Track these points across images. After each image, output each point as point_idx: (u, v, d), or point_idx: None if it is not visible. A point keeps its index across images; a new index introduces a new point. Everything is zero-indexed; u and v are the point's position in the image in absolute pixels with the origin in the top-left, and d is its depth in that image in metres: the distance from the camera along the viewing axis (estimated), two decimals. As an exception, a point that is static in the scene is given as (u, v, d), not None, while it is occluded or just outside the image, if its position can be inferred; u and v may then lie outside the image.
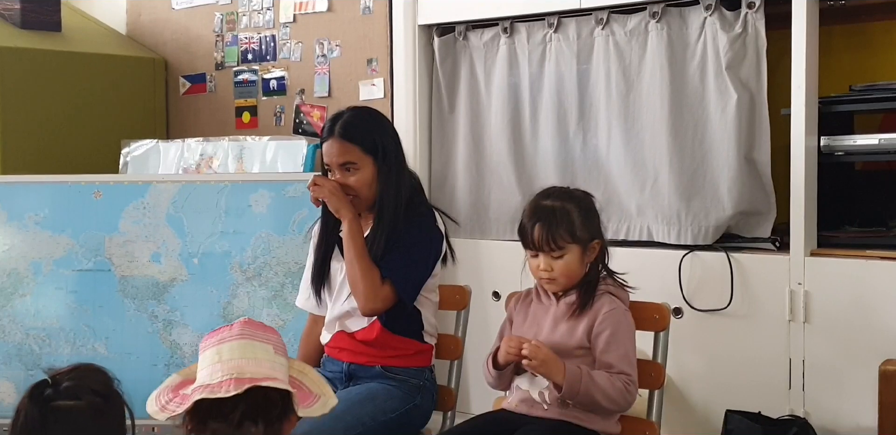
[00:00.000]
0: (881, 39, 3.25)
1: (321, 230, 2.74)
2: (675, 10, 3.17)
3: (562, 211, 2.35)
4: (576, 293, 2.37)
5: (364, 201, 2.62)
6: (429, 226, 2.63)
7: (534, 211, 2.39)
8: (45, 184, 3.59)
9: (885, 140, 2.88)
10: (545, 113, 3.46)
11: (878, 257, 2.81)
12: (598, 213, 2.43)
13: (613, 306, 2.34)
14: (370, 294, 2.52)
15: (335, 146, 2.60)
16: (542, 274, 2.36)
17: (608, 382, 2.24)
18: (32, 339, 3.52)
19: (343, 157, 2.59)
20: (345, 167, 2.59)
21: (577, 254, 2.35)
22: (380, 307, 2.55)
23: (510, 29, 3.53)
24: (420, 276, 2.60)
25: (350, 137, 2.59)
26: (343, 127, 2.60)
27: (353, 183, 2.59)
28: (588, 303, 2.34)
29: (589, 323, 2.33)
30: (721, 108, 3.08)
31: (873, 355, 2.67)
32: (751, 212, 3.09)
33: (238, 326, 1.76)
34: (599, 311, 2.33)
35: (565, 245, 2.33)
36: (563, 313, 2.37)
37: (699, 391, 3.09)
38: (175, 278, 3.51)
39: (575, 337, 2.33)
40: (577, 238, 2.34)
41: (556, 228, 2.32)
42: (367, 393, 2.55)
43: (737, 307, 3.01)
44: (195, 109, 4.65)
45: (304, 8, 4.22)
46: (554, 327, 2.37)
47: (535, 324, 2.41)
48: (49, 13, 4.44)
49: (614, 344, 2.29)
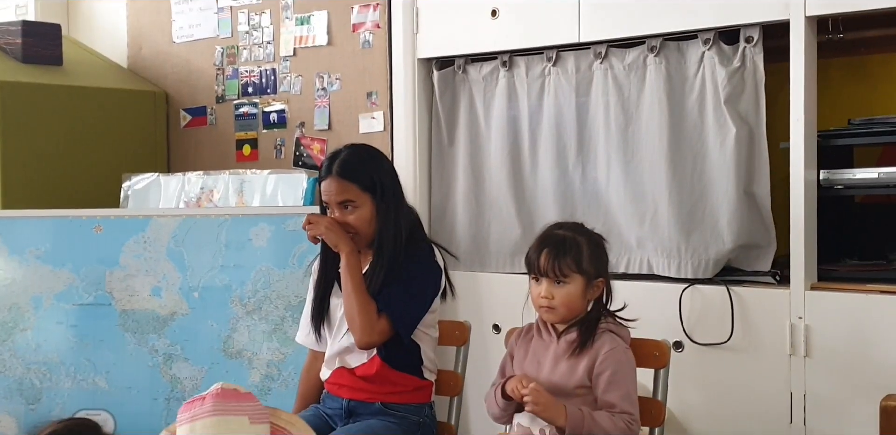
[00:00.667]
0: (880, 72, 3.26)
1: (321, 266, 2.74)
2: (674, 44, 3.18)
3: (572, 241, 2.39)
4: (576, 331, 2.37)
5: (364, 238, 2.62)
6: (427, 261, 2.64)
7: (544, 239, 2.43)
8: (45, 218, 3.60)
9: (884, 174, 2.88)
10: (544, 146, 3.47)
11: (879, 291, 2.80)
12: (607, 255, 2.45)
13: (614, 345, 2.34)
14: (366, 327, 2.53)
15: (333, 185, 2.61)
16: (542, 301, 2.37)
17: (610, 423, 2.24)
18: (33, 373, 3.52)
19: (341, 195, 2.60)
20: (343, 205, 2.61)
21: (580, 286, 2.36)
22: (375, 340, 2.55)
23: (509, 62, 3.55)
24: (417, 310, 2.60)
25: (348, 176, 2.60)
26: (340, 165, 2.62)
27: (353, 221, 2.60)
28: (588, 341, 2.34)
29: (590, 362, 2.32)
30: (720, 141, 3.09)
31: (874, 390, 2.65)
32: (751, 245, 3.09)
33: (210, 401, 1.74)
34: (600, 350, 2.33)
35: (570, 274, 2.35)
36: (564, 351, 2.37)
37: (700, 425, 3.08)
38: (175, 312, 3.51)
39: (575, 376, 2.33)
40: (583, 270, 2.36)
41: (564, 256, 2.35)
42: (367, 430, 2.55)
43: (737, 341, 3.00)
44: (196, 142, 4.66)
45: (305, 42, 4.24)
46: (555, 365, 2.37)
47: (535, 361, 2.41)
48: (51, 47, 4.46)
49: (615, 384, 2.29)
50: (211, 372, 3.46)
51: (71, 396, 3.49)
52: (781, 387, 2.92)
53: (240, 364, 3.45)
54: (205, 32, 4.60)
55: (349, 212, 2.60)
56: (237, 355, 3.45)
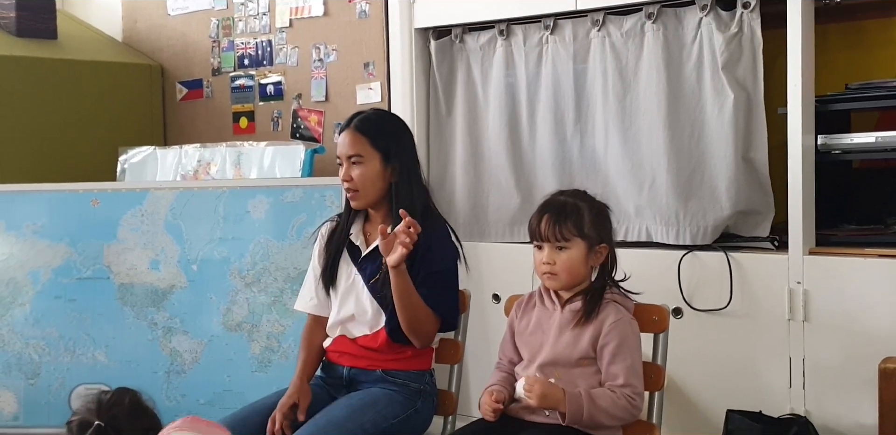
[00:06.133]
0: (876, 37, 3.24)
1: (331, 232, 2.73)
2: (671, 10, 3.16)
3: (573, 206, 2.36)
4: (581, 300, 2.35)
5: (364, 198, 2.61)
6: (449, 245, 2.64)
7: (545, 204, 2.41)
8: (42, 192, 3.60)
9: (882, 138, 2.87)
10: (542, 115, 3.46)
11: (877, 255, 2.80)
12: (611, 222, 2.42)
13: (620, 316, 2.31)
14: (429, 336, 2.60)
15: (348, 137, 2.62)
16: (544, 267, 2.35)
17: (611, 402, 2.23)
18: (32, 348, 3.52)
19: (352, 148, 2.60)
20: (352, 160, 2.60)
21: (582, 251, 2.33)
22: (433, 340, 2.64)
23: (506, 31, 3.53)
24: (456, 297, 2.65)
25: (363, 130, 2.61)
26: (360, 120, 2.64)
27: (356, 176, 2.59)
28: (594, 311, 2.32)
29: (594, 333, 2.30)
30: (718, 108, 3.08)
31: (873, 353, 2.66)
32: (749, 211, 3.09)
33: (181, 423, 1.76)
34: (605, 321, 2.30)
35: (571, 238, 2.32)
36: (568, 321, 2.34)
37: (699, 391, 3.09)
38: (174, 285, 3.51)
39: (580, 347, 2.31)
40: (584, 234, 2.33)
41: (565, 220, 2.33)
42: (368, 399, 2.55)
43: (736, 307, 3.01)
44: (192, 115, 4.65)
45: (300, 13, 4.22)
46: (559, 335, 2.35)
47: (539, 330, 2.40)
48: (45, 21, 4.44)
49: (620, 355, 2.26)
50: (210, 345, 3.48)
51: (70, 371, 3.50)
52: (780, 351, 2.93)
53: (239, 337, 3.46)
54: (200, 5, 4.58)
55: (355, 166, 2.60)
56: (237, 328, 3.46)
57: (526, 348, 2.42)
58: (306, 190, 3.49)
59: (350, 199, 2.65)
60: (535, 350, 2.38)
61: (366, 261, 2.65)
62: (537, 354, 2.37)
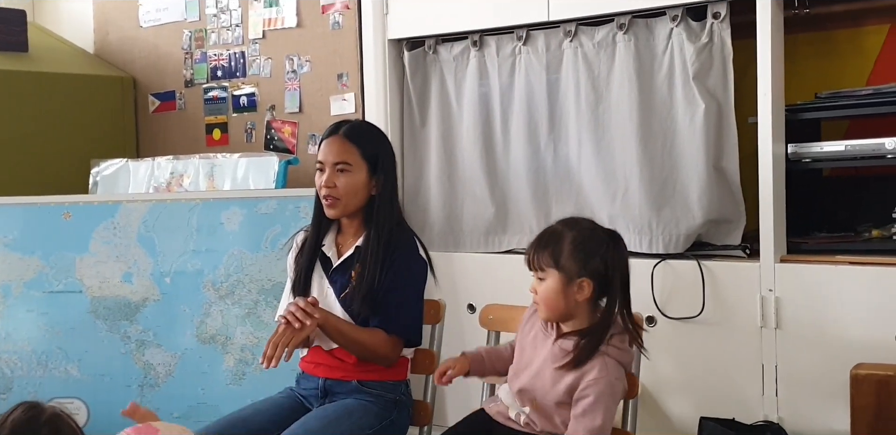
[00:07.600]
0: (845, 47, 3.28)
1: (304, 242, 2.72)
2: (642, 21, 3.19)
3: (554, 234, 2.27)
4: (574, 342, 2.25)
5: (344, 207, 2.61)
6: (415, 259, 2.62)
7: (541, 232, 2.35)
8: (13, 206, 3.57)
9: (851, 146, 2.90)
10: (516, 125, 3.48)
11: (848, 262, 2.83)
12: (610, 255, 2.26)
13: (603, 374, 2.19)
14: (385, 358, 2.57)
15: (336, 144, 2.60)
16: (532, 295, 2.33)
17: None
18: (4, 362, 3.49)
19: (341, 156, 2.58)
20: (338, 167, 2.59)
21: (557, 283, 2.23)
22: (397, 358, 2.61)
23: (479, 42, 3.54)
24: (419, 313, 2.63)
25: (354, 139, 2.60)
26: (350, 129, 2.62)
27: (342, 185, 2.58)
28: (582, 362, 2.21)
29: (573, 383, 2.21)
30: (689, 117, 3.10)
31: (845, 359, 2.67)
32: (721, 220, 3.11)
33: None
34: (587, 374, 2.20)
35: (545, 268, 2.24)
36: (556, 357, 2.27)
37: (673, 399, 3.10)
38: (147, 298, 3.49)
39: (556, 390, 2.24)
40: (560, 265, 2.22)
41: (543, 249, 2.26)
42: (343, 410, 2.54)
43: (709, 314, 3.02)
44: (165, 127, 4.63)
45: (274, 24, 4.22)
46: (541, 368, 2.29)
47: (532, 346, 2.36)
48: (16, 33, 4.42)
49: (591, 414, 2.18)
50: (184, 358, 3.45)
51: (43, 385, 3.47)
52: (753, 359, 2.95)
53: (213, 349, 3.44)
54: (172, 16, 4.57)
55: (342, 175, 2.58)
56: (210, 340, 3.44)
57: (518, 357, 2.40)
58: (280, 201, 3.48)
59: (328, 206, 2.62)
60: (520, 367, 2.37)
61: (336, 273, 2.64)
62: (521, 372, 2.35)
